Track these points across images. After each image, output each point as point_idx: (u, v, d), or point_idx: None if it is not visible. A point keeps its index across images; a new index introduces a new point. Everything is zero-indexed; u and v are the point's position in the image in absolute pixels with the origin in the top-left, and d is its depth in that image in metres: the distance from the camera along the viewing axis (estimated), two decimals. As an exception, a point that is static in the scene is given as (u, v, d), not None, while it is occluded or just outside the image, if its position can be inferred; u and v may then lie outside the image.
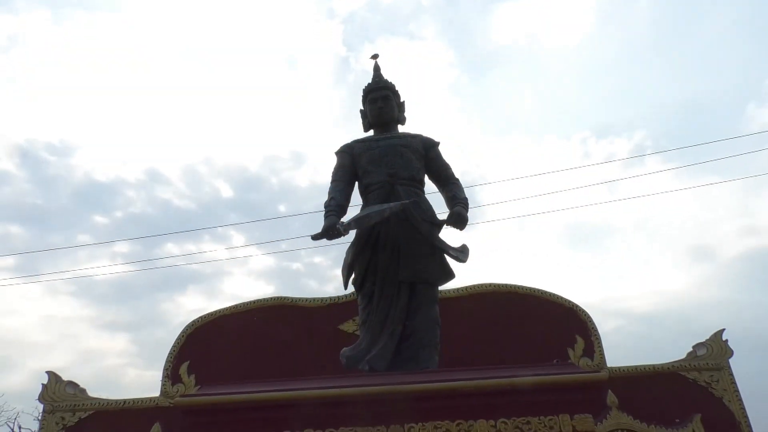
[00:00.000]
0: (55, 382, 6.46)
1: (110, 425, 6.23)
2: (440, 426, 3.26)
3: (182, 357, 6.60)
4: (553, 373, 3.40)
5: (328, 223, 4.52)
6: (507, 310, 6.66)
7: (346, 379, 3.68)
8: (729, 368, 6.25)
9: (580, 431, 3.23)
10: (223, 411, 3.28)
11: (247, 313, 6.84)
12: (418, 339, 4.37)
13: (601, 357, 6.39)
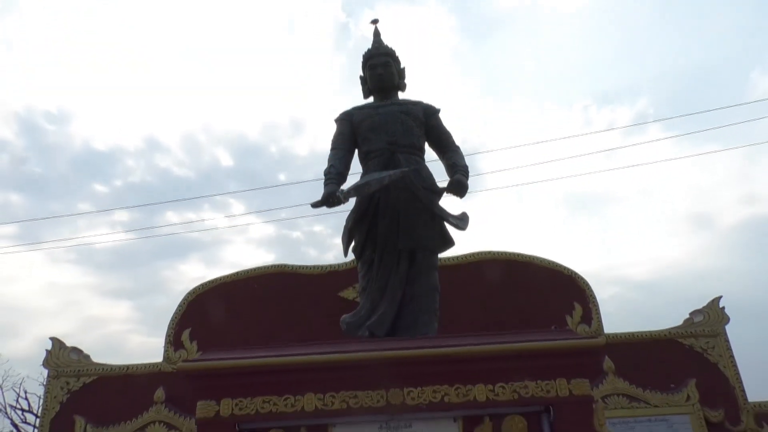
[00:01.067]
0: (59, 348, 6.54)
1: (114, 390, 6.34)
2: (439, 390, 3.31)
3: (184, 324, 6.68)
4: (551, 339, 3.43)
5: (328, 191, 4.51)
6: (506, 278, 6.72)
7: (347, 344, 3.72)
8: (725, 335, 6.32)
9: (577, 395, 3.27)
10: (224, 375, 3.32)
11: (248, 280, 6.90)
12: (417, 305, 4.41)
13: (598, 324, 6.46)
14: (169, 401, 6.14)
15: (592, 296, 6.61)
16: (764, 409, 6.01)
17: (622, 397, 5.93)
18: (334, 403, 3.30)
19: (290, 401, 3.31)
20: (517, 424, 3.32)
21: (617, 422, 5.70)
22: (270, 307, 6.69)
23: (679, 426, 5.87)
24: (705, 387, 5.99)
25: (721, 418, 5.89)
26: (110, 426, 6.03)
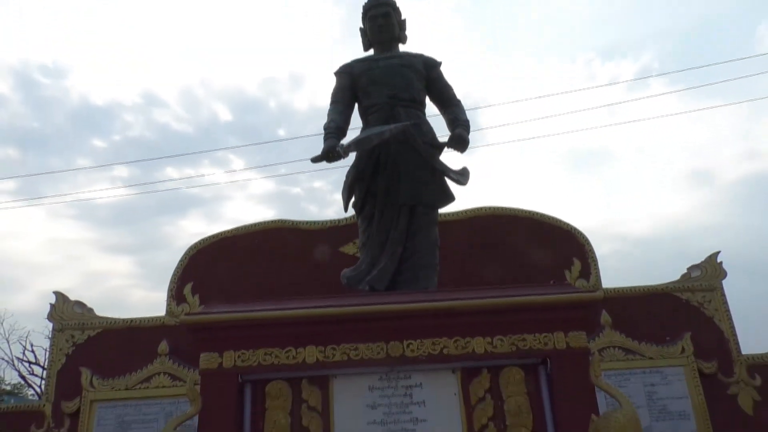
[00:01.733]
0: (63, 302, 6.61)
1: (118, 343, 6.44)
2: (438, 343, 3.36)
3: (185, 278, 6.73)
4: (549, 293, 3.46)
5: (328, 146, 4.48)
6: (506, 233, 6.74)
7: (347, 298, 3.76)
8: (722, 289, 6.38)
9: (574, 348, 3.33)
10: (227, 328, 3.37)
11: (249, 235, 6.92)
12: (417, 260, 4.44)
13: (597, 278, 6.51)
14: (173, 353, 6.24)
15: (591, 251, 6.65)
16: (757, 361, 6.11)
17: (618, 350, 6.03)
18: (334, 356, 3.36)
19: (291, 353, 3.37)
20: (514, 376, 3.39)
21: (612, 374, 5.82)
22: (271, 262, 6.73)
23: (673, 377, 5.99)
24: (700, 340, 6.08)
25: (715, 370, 6.00)
26: (116, 377, 6.14)
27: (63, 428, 6.06)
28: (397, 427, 3.34)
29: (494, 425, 3.31)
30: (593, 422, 3.11)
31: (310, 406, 3.38)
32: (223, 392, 3.28)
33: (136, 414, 6.06)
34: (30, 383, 18.42)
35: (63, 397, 6.16)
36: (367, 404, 3.39)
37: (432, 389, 3.41)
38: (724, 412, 5.86)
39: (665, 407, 5.91)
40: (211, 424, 3.21)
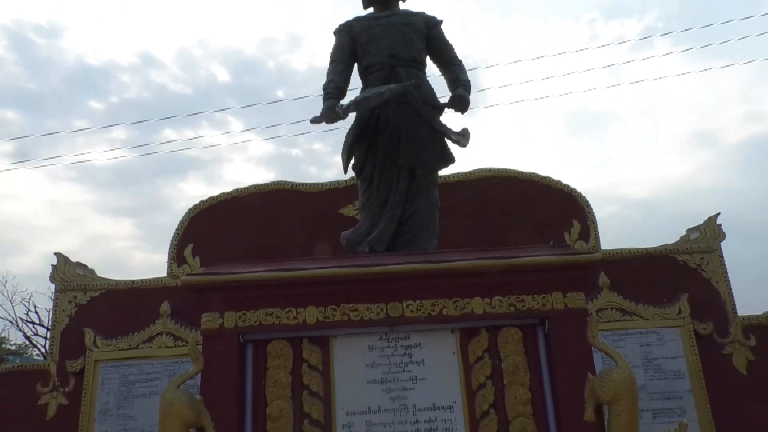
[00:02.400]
0: (65, 264, 6.65)
1: (120, 304, 6.50)
2: (437, 303, 3.39)
3: (186, 240, 6.75)
4: (548, 254, 3.48)
5: (327, 106, 4.44)
6: (506, 195, 6.73)
7: (347, 259, 3.78)
8: (720, 251, 6.41)
9: (572, 308, 3.36)
10: (228, 289, 3.40)
11: (248, 197, 6.92)
12: (417, 222, 4.44)
13: (596, 240, 6.54)
14: (175, 314, 6.31)
15: (591, 214, 6.65)
16: (752, 322, 6.19)
17: (615, 311, 6.10)
18: (334, 316, 3.39)
19: (292, 314, 3.40)
20: (512, 336, 3.43)
21: (609, 335, 5.89)
22: (270, 223, 6.74)
23: (669, 338, 6.07)
24: (697, 301, 6.14)
25: (710, 331, 6.07)
26: (119, 338, 6.22)
27: (68, 387, 6.16)
28: (397, 386, 3.39)
29: (492, 384, 3.36)
30: (590, 381, 3.16)
31: (311, 365, 3.43)
32: (225, 352, 3.33)
33: (139, 373, 6.16)
34: (34, 343, 18.69)
35: (67, 356, 6.25)
36: (366, 363, 3.44)
37: (431, 349, 3.45)
38: (719, 372, 5.96)
39: (660, 367, 6.00)
40: (213, 382, 3.26)
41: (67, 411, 6.08)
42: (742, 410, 5.85)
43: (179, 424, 3.03)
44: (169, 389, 3.14)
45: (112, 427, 5.99)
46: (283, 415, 3.30)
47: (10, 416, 6.07)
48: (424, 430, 3.31)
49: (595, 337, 3.25)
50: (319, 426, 3.31)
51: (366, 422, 3.33)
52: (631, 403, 3.04)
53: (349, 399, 3.38)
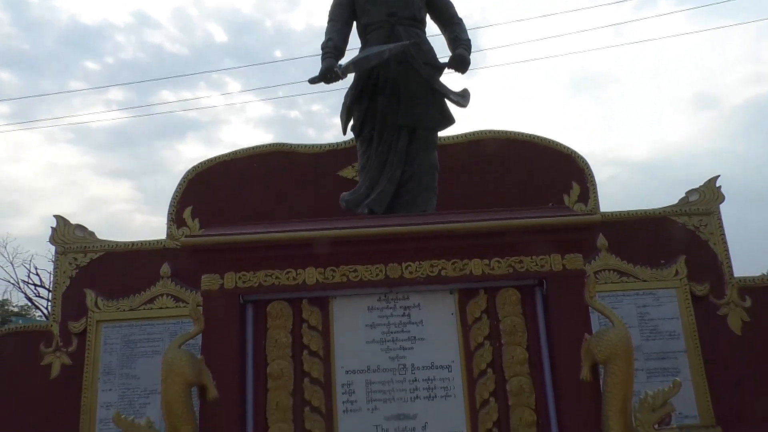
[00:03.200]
0: (64, 226, 6.66)
1: (121, 265, 6.52)
2: (436, 264, 3.41)
3: (185, 202, 6.74)
4: (547, 216, 3.48)
5: (326, 66, 4.37)
6: (506, 157, 6.70)
7: (346, 221, 3.78)
8: (718, 213, 6.42)
9: (570, 269, 3.38)
10: (228, 250, 3.41)
11: (247, 159, 6.88)
12: (416, 183, 4.43)
13: (595, 202, 6.54)
14: (175, 276, 6.34)
15: (591, 176, 6.64)
16: (748, 284, 6.23)
17: (612, 273, 6.13)
18: (334, 277, 3.41)
19: (292, 275, 3.42)
20: (510, 297, 3.46)
21: (606, 296, 5.94)
22: (269, 185, 6.72)
23: (665, 299, 6.13)
24: (694, 263, 6.17)
25: (707, 292, 6.13)
26: (120, 299, 6.27)
27: (71, 347, 6.24)
28: (395, 345, 3.44)
29: (490, 344, 3.40)
30: (586, 340, 3.20)
31: (311, 325, 3.46)
32: (225, 312, 3.36)
33: (141, 334, 6.23)
34: (37, 305, 18.86)
35: (69, 317, 6.31)
36: (366, 324, 3.48)
37: (430, 309, 3.49)
38: (714, 332, 6.03)
39: (656, 327, 6.07)
40: (214, 342, 3.30)
41: (71, 370, 6.17)
42: (735, 370, 5.94)
43: (181, 383, 3.07)
44: (171, 349, 3.18)
45: (115, 386, 6.09)
46: (283, 374, 3.35)
47: (15, 376, 6.16)
48: (423, 388, 3.37)
49: (592, 297, 3.27)
50: (319, 384, 3.37)
51: (365, 381, 3.39)
52: (626, 363, 3.08)
53: (348, 358, 3.43)
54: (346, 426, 3.32)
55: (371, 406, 3.35)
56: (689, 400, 5.79)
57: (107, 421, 5.84)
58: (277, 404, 3.31)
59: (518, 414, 3.28)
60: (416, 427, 3.31)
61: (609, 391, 3.06)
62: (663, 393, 2.95)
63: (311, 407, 3.33)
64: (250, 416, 3.29)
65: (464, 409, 3.32)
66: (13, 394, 6.10)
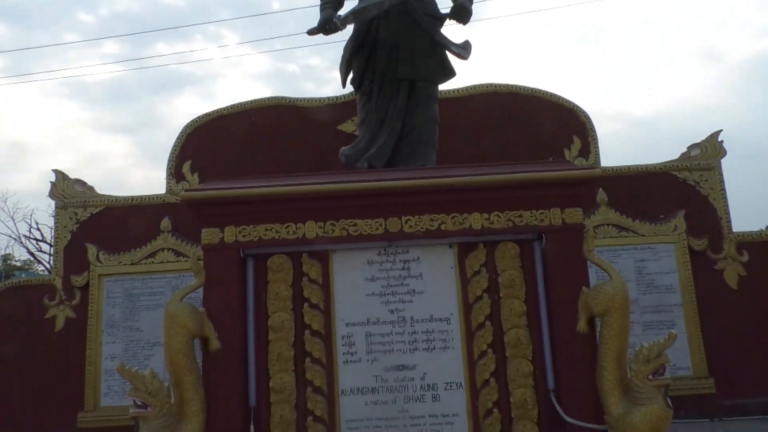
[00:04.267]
0: (63, 180, 6.65)
1: (121, 220, 6.55)
2: (436, 219, 3.41)
3: (184, 156, 6.72)
4: (547, 170, 3.46)
5: (325, 17, 4.29)
6: (507, 111, 6.64)
7: (346, 175, 3.77)
8: (719, 168, 6.41)
9: (569, 224, 3.38)
10: (228, 204, 3.40)
11: (245, 113, 6.82)
12: (416, 137, 4.40)
13: (596, 157, 6.52)
14: (175, 230, 6.37)
15: (592, 130, 6.59)
16: (746, 239, 6.27)
17: (611, 227, 6.17)
18: (334, 231, 3.42)
19: (292, 229, 3.42)
20: (509, 251, 3.47)
21: (605, 250, 5.98)
22: (268, 139, 6.68)
23: (663, 254, 6.17)
24: (693, 218, 6.20)
25: (704, 247, 6.17)
26: (121, 253, 6.31)
27: (74, 300, 6.32)
28: (395, 299, 3.47)
29: (488, 297, 3.44)
30: (584, 294, 3.23)
31: (311, 279, 3.49)
32: (226, 266, 3.38)
33: (143, 287, 6.30)
34: (39, 260, 18.99)
35: (71, 271, 6.36)
36: (366, 277, 3.50)
37: (429, 263, 3.51)
38: (710, 286, 6.10)
39: (653, 281, 6.14)
40: (215, 295, 3.33)
41: (75, 323, 6.26)
42: (730, 323, 6.03)
43: (183, 335, 3.11)
44: (173, 302, 3.21)
45: (119, 339, 6.20)
46: (284, 326, 3.40)
47: (21, 328, 6.26)
48: (422, 340, 3.42)
49: (590, 252, 3.29)
50: (319, 336, 3.42)
51: (365, 333, 3.44)
52: (622, 315, 3.12)
53: (348, 311, 3.47)
54: (346, 376, 3.39)
55: (371, 358, 3.41)
56: (683, 353, 5.90)
57: (112, 372, 5.96)
58: (278, 355, 3.37)
59: (515, 365, 3.34)
60: (415, 378, 3.38)
61: (605, 342, 3.11)
62: (658, 345, 2.99)
63: (312, 358, 3.39)
64: (252, 367, 3.35)
65: (462, 360, 3.38)
66: (19, 346, 6.21)
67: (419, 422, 3.33)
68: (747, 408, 5.89)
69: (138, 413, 2.86)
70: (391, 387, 3.37)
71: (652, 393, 2.94)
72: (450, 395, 3.35)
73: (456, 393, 3.35)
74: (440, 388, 3.37)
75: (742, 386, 5.88)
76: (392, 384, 3.38)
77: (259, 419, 3.29)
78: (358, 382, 3.38)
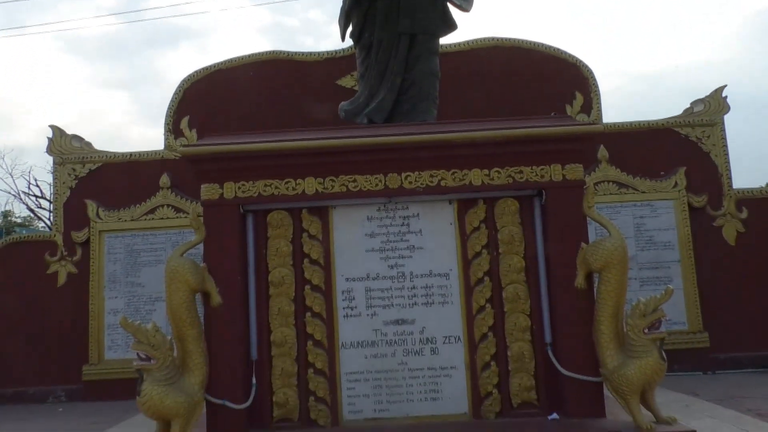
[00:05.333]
0: (60, 136, 6.60)
1: (120, 176, 6.53)
2: (436, 175, 3.40)
3: (182, 112, 6.65)
4: (549, 126, 3.43)
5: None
6: (508, 65, 6.54)
7: (346, 130, 3.73)
8: (722, 124, 6.35)
9: (569, 180, 3.37)
10: (227, 159, 3.39)
11: (243, 67, 6.72)
12: (416, 92, 4.34)
13: (598, 113, 6.46)
14: (175, 187, 6.36)
15: (595, 85, 6.51)
16: (746, 195, 6.26)
17: (611, 184, 6.15)
18: (333, 187, 3.41)
19: (291, 185, 3.42)
20: (509, 207, 3.48)
21: (604, 207, 5.99)
22: (267, 95, 6.60)
23: (662, 210, 6.18)
24: (694, 175, 6.18)
25: (704, 203, 6.17)
26: (121, 209, 6.32)
27: (75, 256, 6.35)
28: (395, 254, 3.49)
29: (487, 253, 3.45)
30: (582, 249, 3.24)
31: (311, 234, 3.50)
32: (226, 222, 3.38)
33: (144, 243, 6.33)
34: (39, 216, 19.00)
35: (72, 228, 6.38)
36: (365, 233, 3.51)
37: (429, 219, 3.51)
38: (708, 243, 6.13)
39: (651, 238, 6.16)
40: (215, 251, 3.35)
41: (77, 279, 6.31)
42: (726, 279, 6.08)
43: (185, 290, 3.14)
44: (173, 257, 3.22)
45: (121, 294, 6.26)
46: (285, 281, 3.43)
47: (24, 284, 6.32)
48: (421, 295, 3.46)
49: (590, 207, 3.29)
50: (319, 291, 3.45)
51: (365, 288, 3.47)
52: (620, 271, 3.14)
53: (348, 267, 3.49)
54: (346, 330, 3.44)
55: (371, 312, 3.45)
56: (679, 308, 5.97)
57: (115, 327, 6.05)
58: (279, 310, 3.41)
59: (513, 319, 3.38)
60: (414, 332, 3.43)
61: (602, 297, 3.15)
62: (655, 299, 3.02)
63: (312, 313, 3.43)
64: (253, 321, 3.39)
65: (461, 314, 3.42)
66: (23, 301, 6.28)
67: (418, 374, 3.40)
68: (739, 361, 6.00)
69: (141, 365, 2.91)
70: (391, 341, 3.43)
71: (647, 346, 2.99)
72: (448, 349, 3.41)
73: (454, 346, 3.41)
74: (439, 342, 3.42)
75: (736, 340, 5.98)
76: (391, 338, 3.43)
77: (261, 372, 3.35)
78: (357, 336, 3.43)
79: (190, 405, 3.00)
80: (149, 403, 2.90)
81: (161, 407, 2.91)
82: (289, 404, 3.35)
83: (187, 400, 2.98)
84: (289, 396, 3.35)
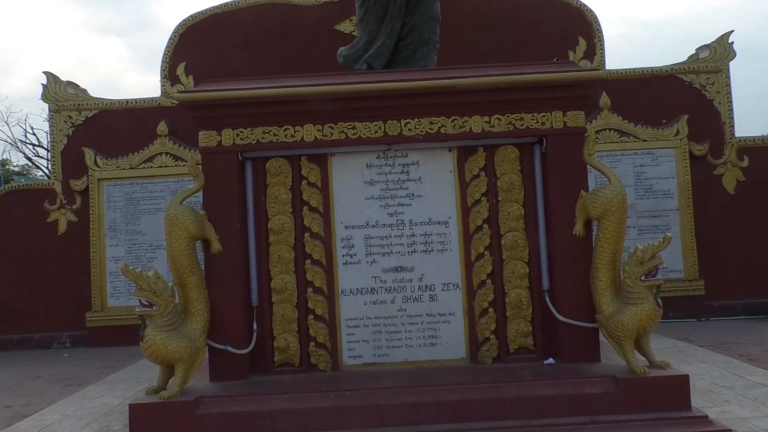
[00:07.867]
0: (55, 83, 6.51)
1: (117, 124, 6.48)
2: (436, 122, 3.36)
3: (178, 58, 6.54)
4: (550, 71, 3.37)
5: None
6: (511, 9, 6.40)
7: (344, 76, 3.67)
8: (727, 71, 6.26)
9: (570, 127, 3.34)
10: (224, 106, 3.34)
11: (239, 11, 6.58)
12: (417, 37, 4.25)
13: (601, 59, 6.35)
14: (172, 134, 6.31)
15: (599, 30, 6.38)
16: (747, 144, 6.23)
17: (613, 132, 6.10)
18: (332, 134, 3.38)
19: (290, 131, 3.38)
20: (509, 154, 3.45)
21: (605, 155, 5.95)
22: (264, 39, 6.48)
23: (663, 159, 6.16)
24: (696, 123, 6.13)
25: (705, 152, 6.14)
26: (119, 157, 6.29)
27: (75, 204, 6.36)
28: (394, 202, 3.49)
29: (487, 200, 3.45)
30: (582, 197, 3.24)
31: (310, 182, 3.49)
32: (224, 169, 3.36)
33: (143, 192, 6.33)
34: (37, 165, 18.91)
35: (70, 176, 6.37)
36: (365, 181, 3.50)
37: (428, 167, 3.50)
38: (707, 191, 6.14)
39: (651, 186, 6.16)
40: (214, 198, 3.35)
41: (77, 227, 6.34)
42: (723, 227, 6.12)
43: (185, 237, 3.15)
44: (173, 205, 3.22)
45: (121, 242, 6.30)
46: (284, 229, 3.44)
47: (24, 232, 6.35)
48: (420, 243, 3.48)
49: (591, 155, 3.27)
50: (319, 239, 3.46)
51: (364, 236, 3.48)
52: (619, 219, 3.14)
53: (347, 214, 3.50)
54: (345, 277, 3.47)
55: (370, 259, 3.48)
56: (676, 256, 6.03)
57: (117, 274, 6.12)
58: (279, 257, 3.43)
59: (511, 267, 3.41)
60: (413, 279, 3.46)
61: (600, 245, 3.16)
62: (652, 247, 3.04)
63: (312, 260, 3.46)
64: (254, 268, 3.42)
65: (459, 262, 3.45)
66: (24, 249, 6.32)
67: (417, 321, 3.45)
68: (733, 309, 6.10)
69: (144, 312, 2.95)
70: (390, 287, 3.47)
71: (643, 293, 3.02)
72: (447, 295, 3.45)
73: (453, 293, 3.45)
74: (438, 289, 3.46)
75: (731, 288, 6.06)
76: (391, 285, 3.47)
77: (262, 318, 3.40)
78: (357, 283, 3.47)
79: (193, 350, 3.05)
80: (152, 348, 2.95)
81: (164, 352, 2.97)
82: (289, 349, 3.41)
83: (189, 345, 3.03)
84: (290, 341, 3.41)
